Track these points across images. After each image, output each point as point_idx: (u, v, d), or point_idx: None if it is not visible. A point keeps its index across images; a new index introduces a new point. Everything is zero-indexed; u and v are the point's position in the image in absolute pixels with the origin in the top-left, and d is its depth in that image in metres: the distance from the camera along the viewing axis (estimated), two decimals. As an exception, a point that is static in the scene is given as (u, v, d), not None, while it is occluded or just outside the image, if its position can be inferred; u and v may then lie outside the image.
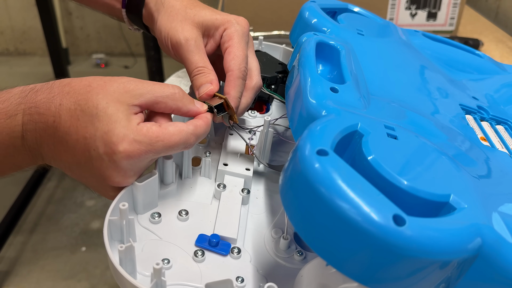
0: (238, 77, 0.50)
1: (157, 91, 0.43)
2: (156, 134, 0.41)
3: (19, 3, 2.70)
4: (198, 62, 0.50)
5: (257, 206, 0.50)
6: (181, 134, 0.42)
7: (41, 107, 0.41)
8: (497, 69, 0.67)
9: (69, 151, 0.41)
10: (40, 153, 0.43)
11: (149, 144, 0.40)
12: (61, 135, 0.41)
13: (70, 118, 0.40)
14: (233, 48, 0.51)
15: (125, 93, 0.42)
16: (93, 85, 0.42)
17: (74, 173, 0.44)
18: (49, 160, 0.44)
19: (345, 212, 0.28)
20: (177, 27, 0.51)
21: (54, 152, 0.42)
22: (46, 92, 0.42)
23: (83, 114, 0.40)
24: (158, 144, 0.41)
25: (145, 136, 0.40)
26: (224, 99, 0.48)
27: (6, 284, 1.50)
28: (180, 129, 0.42)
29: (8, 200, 1.71)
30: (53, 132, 0.41)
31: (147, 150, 0.40)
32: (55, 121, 0.41)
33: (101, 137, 0.40)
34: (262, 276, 0.42)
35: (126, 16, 0.60)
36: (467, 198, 0.33)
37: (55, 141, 0.41)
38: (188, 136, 0.43)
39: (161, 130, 0.41)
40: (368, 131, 0.36)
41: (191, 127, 0.43)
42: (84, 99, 0.41)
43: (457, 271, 0.31)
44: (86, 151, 0.41)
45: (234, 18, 0.53)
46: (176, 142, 0.42)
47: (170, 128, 0.42)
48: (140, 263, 0.40)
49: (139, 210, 0.45)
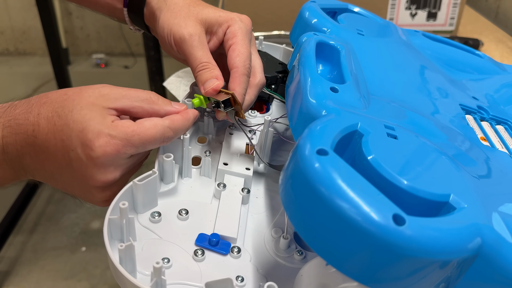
0: (243, 74, 0.50)
1: (132, 95, 0.44)
2: (132, 129, 0.41)
3: (19, 3, 2.70)
4: (202, 57, 0.50)
5: (257, 206, 0.50)
6: (156, 127, 0.43)
7: (20, 118, 0.42)
8: (497, 69, 0.68)
9: (50, 157, 0.42)
10: (22, 166, 0.43)
11: (125, 138, 0.41)
12: (40, 142, 0.41)
13: (48, 125, 0.41)
14: (238, 45, 0.51)
15: (100, 97, 0.42)
16: (69, 93, 0.43)
17: (58, 182, 0.45)
18: (32, 172, 0.44)
19: (345, 211, 0.28)
20: (180, 23, 0.52)
21: (36, 162, 0.43)
22: (24, 105, 0.43)
23: (59, 119, 0.41)
24: (134, 138, 0.41)
25: (120, 131, 0.41)
26: (231, 95, 0.48)
27: (6, 284, 1.50)
28: (156, 123, 0.43)
29: (8, 200, 1.71)
30: (33, 141, 0.42)
31: (123, 144, 0.41)
32: (34, 130, 0.41)
33: (77, 136, 0.40)
34: (262, 275, 0.42)
35: (127, 16, 0.60)
36: (467, 198, 0.33)
37: (36, 150, 0.42)
38: (165, 129, 0.43)
39: (136, 125, 0.42)
40: (368, 131, 0.36)
41: (167, 121, 0.44)
42: (61, 106, 0.42)
43: (457, 271, 0.31)
44: (65, 153, 0.41)
45: (237, 15, 0.54)
46: (152, 135, 0.42)
47: (145, 123, 0.42)
48: (140, 262, 0.40)
49: (139, 209, 0.45)
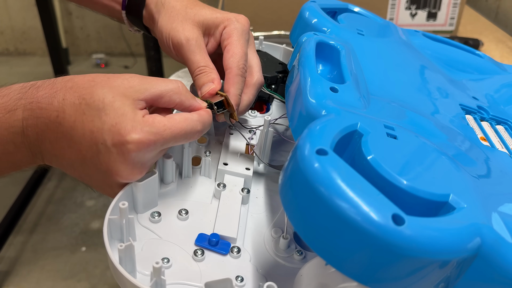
0: (236, 75, 0.50)
1: (161, 85, 0.43)
2: (163, 123, 0.41)
3: (19, 3, 2.70)
4: (199, 61, 0.50)
5: (257, 206, 0.50)
6: (187, 121, 0.43)
7: (43, 102, 0.41)
8: (497, 69, 0.68)
9: (74, 146, 0.41)
10: (40, 150, 0.43)
11: (158, 133, 0.40)
12: (65, 130, 0.41)
13: (75, 113, 0.40)
14: (232, 45, 0.51)
15: (130, 88, 0.42)
16: (97, 80, 0.42)
17: (76, 171, 0.44)
18: (50, 158, 0.43)
19: (344, 211, 0.28)
20: (177, 27, 0.52)
21: (56, 149, 0.42)
22: (48, 87, 0.42)
23: (88, 108, 0.40)
24: (166, 133, 0.41)
25: (153, 126, 0.40)
26: (224, 97, 0.48)
27: (6, 284, 1.50)
28: (186, 117, 0.43)
29: (8, 200, 1.71)
30: (56, 127, 0.41)
31: (156, 139, 0.40)
32: (58, 116, 0.40)
33: (109, 130, 0.40)
34: (262, 275, 0.42)
35: (126, 18, 0.60)
36: (466, 198, 0.33)
37: (58, 137, 0.41)
38: (194, 123, 0.43)
39: (167, 119, 0.42)
40: (367, 131, 0.36)
41: (195, 115, 0.44)
42: (89, 93, 0.41)
43: (457, 271, 0.31)
44: (93, 145, 0.40)
45: (234, 16, 0.54)
46: (183, 129, 0.42)
47: (175, 117, 0.42)
48: (140, 262, 0.40)
49: (139, 209, 0.45)
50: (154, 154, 0.42)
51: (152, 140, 0.40)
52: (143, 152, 0.40)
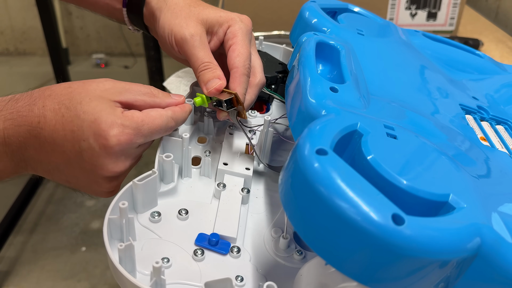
0: (243, 74, 0.50)
1: (134, 89, 0.45)
2: (141, 118, 0.43)
3: (19, 3, 2.70)
4: (204, 57, 0.50)
5: (257, 206, 0.50)
6: (162, 117, 0.45)
7: (23, 110, 0.42)
8: (497, 69, 0.68)
9: (57, 149, 0.42)
10: (24, 158, 0.43)
11: (136, 128, 0.42)
12: (47, 134, 0.42)
13: (55, 116, 0.42)
14: (237, 45, 0.51)
15: (105, 91, 0.43)
16: (73, 86, 0.43)
17: (62, 174, 0.45)
18: (34, 164, 0.44)
19: (344, 211, 0.28)
20: (181, 23, 0.52)
21: (40, 154, 0.43)
22: (27, 98, 0.43)
23: (67, 111, 0.42)
24: (144, 128, 0.43)
25: (132, 121, 0.42)
26: (234, 94, 0.48)
27: (6, 284, 1.50)
28: (161, 113, 0.45)
29: (8, 200, 1.71)
30: (39, 132, 0.42)
31: (135, 133, 0.42)
32: (40, 121, 0.42)
33: (89, 127, 0.41)
34: (262, 275, 0.42)
35: (127, 16, 0.60)
36: (466, 198, 0.33)
37: (40, 142, 0.42)
38: (168, 119, 0.45)
39: (144, 115, 0.43)
40: (367, 131, 0.36)
41: (169, 111, 0.46)
42: (68, 98, 0.42)
43: (456, 271, 0.31)
44: (75, 144, 0.41)
45: (238, 16, 0.54)
46: (159, 125, 0.44)
47: (151, 113, 0.44)
48: (140, 262, 0.40)
49: (139, 209, 0.45)
50: (135, 147, 0.44)
51: (132, 134, 0.42)
52: (124, 146, 0.42)
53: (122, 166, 0.44)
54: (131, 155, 0.44)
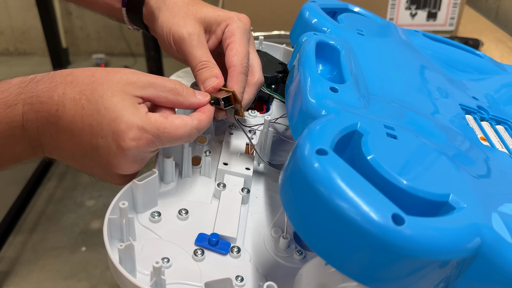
0: (240, 73, 0.50)
1: (158, 84, 0.43)
2: (164, 125, 0.41)
3: (19, 3, 2.70)
4: (202, 56, 0.50)
5: (257, 205, 0.50)
6: (186, 128, 0.43)
7: (43, 96, 0.41)
8: (497, 69, 0.68)
9: (74, 139, 0.41)
10: (40, 143, 0.43)
11: (156, 134, 0.41)
12: (65, 123, 0.41)
13: (75, 107, 0.40)
14: (235, 44, 0.51)
15: (129, 84, 0.42)
16: (97, 76, 0.42)
17: (77, 163, 0.44)
18: (50, 150, 0.44)
19: (344, 211, 0.28)
20: (179, 22, 0.52)
21: (56, 142, 0.42)
22: (48, 82, 0.42)
23: (88, 103, 0.40)
24: (164, 136, 0.41)
25: (154, 126, 0.41)
26: (232, 92, 0.48)
27: (6, 284, 1.50)
28: (186, 123, 0.43)
29: (8, 200, 1.71)
30: (56, 120, 0.41)
31: (153, 139, 0.41)
32: (58, 109, 0.41)
33: (109, 125, 0.40)
34: (262, 275, 0.42)
35: (126, 15, 0.60)
36: (466, 198, 0.33)
37: (58, 130, 0.41)
38: (192, 130, 0.43)
39: (168, 122, 0.42)
40: (367, 131, 0.36)
41: (195, 121, 0.44)
42: (89, 89, 0.41)
43: (456, 271, 0.31)
44: (93, 139, 0.41)
45: (236, 14, 0.54)
46: (181, 135, 0.42)
47: (176, 121, 0.42)
48: (140, 262, 0.40)
49: (139, 209, 0.45)
50: (151, 152, 0.43)
51: (151, 139, 0.41)
52: (141, 150, 0.41)
53: (136, 167, 0.43)
54: (147, 157, 0.43)
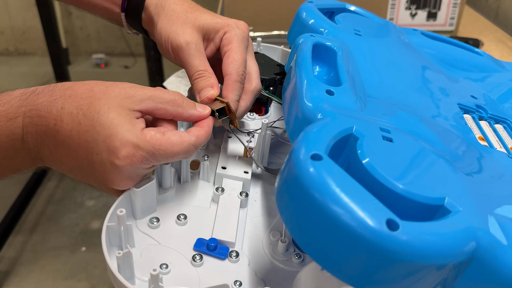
0: (236, 81, 0.50)
1: (157, 97, 0.43)
2: (159, 143, 0.41)
3: (19, 3, 2.70)
4: (199, 65, 0.50)
5: (256, 209, 0.50)
6: (182, 145, 0.42)
7: (42, 109, 0.41)
8: (496, 67, 0.67)
9: (71, 154, 0.42)
10: (40, 156, 0.43)
11: (151, 152, 0.41)
12: (62, 138, 0.41)
13: (72, 122, 0.41)
14: (232, 52, 0.51)
15: (126, 99, 0.42)
16: (95, 90, 0.42)
17: (76, 175, 0.44)
18: (49, 162, 0.44)
19: (338, 217, 0.28)
20: (177, 30, 0.52)
21: (55, 155, 0.42)
22: (48, 95, 0.42)
23: (84, 119, 0.40)
24: (159, 153, 0.41)
25: (149, 143, 0.40)
26: (226, 103, 0.48)
27: (6, 284, 1.51)
28: (183, 140, 0.42)
29: (8, 200, 1.71)
30: (54, 135, 0.41)
31: (148, 157, 0.41)
32: (56, 124, 0.41)
33: (104, 141, 0.40)
34: (260, 279, 0.42)
35: (125, 20, 0.60)
36: (462, 201, 0.33)
37: (56, 144, 0.42)
38: (189, 148, 0.43)
39: (164, 139, 0.41)
40: (363, 134, 0.36)
41: (193, 138, 0.43)
42: (87, 104, 0.41)
43: (453, 274, 0.31)
44: (88, 154, 0.41)
45: (235, 22, 0.54)
46: (177, 152, 0.42)
47: (172, 138, 0.42)
48: (139, 268, 0.40)
49: (137, 215, 0.45)
50: (146, 168, 0.43)
51: (145, 157, 0.41)
52: (135, 167, 0.41)
53: (131, 183, 0.43)
54: (142, 174, 0.43)
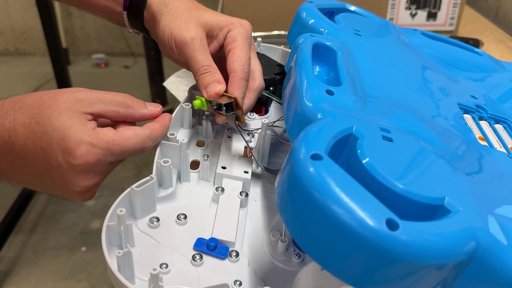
0: (241, 78, 0.50)
1: (107, 99, 0.44)
2: (113, 138, 0.42)
3: (19, 3, 2.70)
4: (204, 61, 0.50)
5: (256, 209, 0.50)
6: (137, 138, 0.44)
7: None
8: (496, 67, 0.67)
9: (29, 164, 0.42)
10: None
11: (106, 148, 0.42)
12: (18, 149, 0.41)
13: (25, 131, 0.41)
14: (237, 49, 0.52)
15: (76, 102, 0.43)
16: (44, 98, 0.43)
17: (36, 186, 0.45)
18: (8, 176, 0.44)
19: (338, 217, 0.28)
20: (182, 26, 0.52)
21: (13, 167, 0.43)
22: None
23: (37, 126, 0.41)
24: (115, 148, 0.42)
25: (102, 140, 0.41)
26: (233, 99, 0.48)
27: (6, 284, 1.51)
28: (137, 133, 0.44)
29: (8, 200, 1.71)
30: (10, 147, 0.42)
31: (104, 153, 0.42)
32: (10, 136, 0.41)
33: (58, 144, 0.41)
34: (260, 279, 0.42)
35: (127, 19, 0.60)
36: (462, 201, 0.33)
37: (13, 156, 0.42)
38: (145, 139, 0.44)
39: (117, 134, 0.43)
40: (363, 134, 0.36)
41: (147, 130, 0.45)
42: (38, 112, 0.42)
43: (453, 274, 0.31)
44: (45, 160, 0.41)
45: (238, 20, 0.54)
46: (133, 146, 0.43)
47: (126, 132, 0.43)
48: (139, 267, 0.40)
49: (137, 215, 0.45)
50: (105, 165, 0.43)
51: (101, 154, 0.41)
52: (92, 165, 0.41)
53: (92, 182, 0.43)
54: (101, 172, 0.44)
